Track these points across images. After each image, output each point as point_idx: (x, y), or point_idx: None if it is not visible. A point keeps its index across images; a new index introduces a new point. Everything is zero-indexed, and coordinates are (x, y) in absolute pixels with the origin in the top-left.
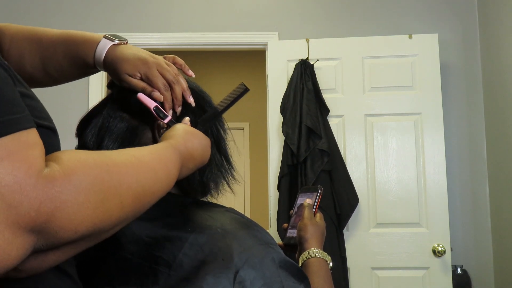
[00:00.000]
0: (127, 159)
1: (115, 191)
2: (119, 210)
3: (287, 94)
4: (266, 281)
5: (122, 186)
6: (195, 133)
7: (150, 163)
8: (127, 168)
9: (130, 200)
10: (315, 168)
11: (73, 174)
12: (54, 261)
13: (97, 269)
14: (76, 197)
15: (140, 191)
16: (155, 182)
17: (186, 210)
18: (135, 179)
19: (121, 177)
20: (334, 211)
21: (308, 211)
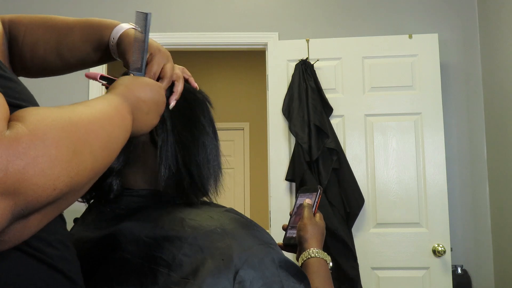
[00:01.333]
0: (86, 111)
1: (85, 142)
2: (91, 160)
3: (290, 94)
4: (266, 281)
5: (90, 135)
6: (139, 78)
7: (105, 111)
8: (89, 118)
9: (99, 149)
10: (327, 166)
11: (39, 129)
12: (36, 226)
13: (96, 269)
14: (47, 151)
15: (105, 139)
16: (115, 128)
17: (186, 210)
18: (99, 127)
19: (87, 127)
20: (343, 210)
21: (308, 211)
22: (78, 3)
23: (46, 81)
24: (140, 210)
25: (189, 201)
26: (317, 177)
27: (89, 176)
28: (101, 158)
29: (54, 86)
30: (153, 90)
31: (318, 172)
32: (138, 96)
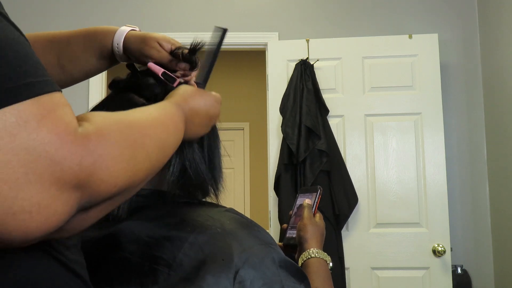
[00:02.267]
0: (143, 116)
1: (141, 145)
2: (147, 162)
3: (286, 94)
4: (266, 281)
5: (145, 140)
6: (198, 90)
7: (160, 118)
8: (146, 124)
9: (154, 152)
10: (314, 168)
11: (104, 130)
12: (94, 218)
13: (96, 269)
14: (111, 151)
15: (160, 144)
16: (169, 135)
17: (186, 210)
18: (154, 132)
19: (143, 132)
20: (332, 212)
21: (308, 211)
22: (78, 3)
23: None
24: (140, 210)
25: (190, 201)
26: (302, 178)
27: (143, 176)
28: (155, 161)
29: None
30: (208, 104)
31: (304, 174)
32: (192, 108)
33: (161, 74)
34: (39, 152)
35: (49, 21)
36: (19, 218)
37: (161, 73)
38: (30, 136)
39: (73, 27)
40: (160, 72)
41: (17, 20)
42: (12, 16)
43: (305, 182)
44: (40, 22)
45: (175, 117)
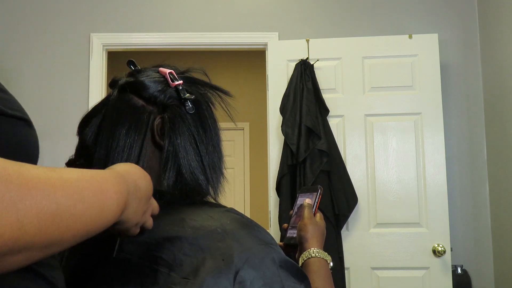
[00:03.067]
0: (44, 173)
1: (11, 204)
2: (15, 228)
3: (286, 94)
4: (266, 281)
5: (24, 201)
6: (137, 168)
7: (76, 182)
8: (38, 183)
9: (33, 218)
10: (314, 168)
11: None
12: None
13: (96, 270)
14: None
15: (50, 209)
16: (77, 202)
17: (186, 210)
18: (45, 194)
19: (24, 190)
20: (332, 212)
21: (308, 211)
22: (78, 3)
23: (46, 81)
24: None
25: (189, 201)
26: (302, 178)
27: (7, 245)
28: (35, 231)
29: (55, 89)
30: (147, 181)
31: (304, 174)
32: (135, 180)
33: (168, 74)
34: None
35: (49, 21)
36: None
37: (168, 72)
38: None
39: (73, 27)
40: (167, 72)
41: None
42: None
43: (305, 182)
44: (40, 22)
45: (106, 183)
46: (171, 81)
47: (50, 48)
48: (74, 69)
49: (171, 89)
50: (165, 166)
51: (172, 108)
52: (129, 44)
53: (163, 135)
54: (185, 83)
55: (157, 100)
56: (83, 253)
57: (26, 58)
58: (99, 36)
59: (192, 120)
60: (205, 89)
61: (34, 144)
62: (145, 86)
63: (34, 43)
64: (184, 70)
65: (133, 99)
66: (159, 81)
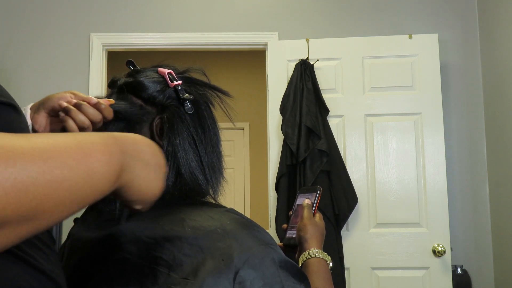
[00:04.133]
0: (12, 141)
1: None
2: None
3: (286, 94)
4: (266, 281)
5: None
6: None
7: (51, 146)
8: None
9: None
10: (314, 168)
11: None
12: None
13: (96, 269)
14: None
15: (20, 179)
16: (53, 168)
17: (186, 210)
18: (10, 163)
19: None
20: (332, 212)
21: (308, 211)
22: (78, 3)
23: (46, 81)
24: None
25: (189, 201)
26: (302, 178)
27: (8, 210)
28: (14, 196)
29: (55, 89)
30: (153, 146)
31: (304, 174)
32: (135, 142)
33: (167, 74)
34: None
35: (49, 21)
36: None
37: (167, 72)
38: None
39: (73, 27)
40: (166, 72)
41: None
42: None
43: (305, 182)
44: (40, 22)
45: (97, 141)
46: (170, 81)
47: (50, 48)
48: (74, 69)
49: (170, 89)
50: None
51: (171, 108)
52: (129, 44)
53: (162, 135)
54: (184, 83)
55: (156, 100)
56: (82, 253)
57: (26, 58)
58: (99, 36)
59: (191, 120)
60: (204, 89)
61: (22, 129)
62: (144, 86)
63: (34, 43)
64: (183, 70)
65: (132, 99)
66: (158, 81)
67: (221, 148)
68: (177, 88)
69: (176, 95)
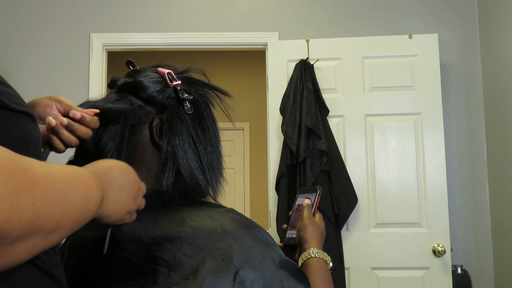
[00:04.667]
0: (39, 164)
1: (27, 187)
2: (31, 212)
3: (286, 94)
4: (266, 281)
5: (36, 186)
6: (109, 161)
7: (64, 172)
8: (40, 170)
9: (45, 204)
10: (314, 168)
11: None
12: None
13: (96, 270)
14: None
15: (56, 197)
16: (71, 190)
17: (186, 210)
18: (49, 181)
19: (34, 176)
20: (332, 212)
21: (307, 211)
22: (78, 3)
23: (46, 81)
24: (140, 210)
25: (189, 201)
26: (302, 178)
27: (23, 228)
28: (45, 215)
29: (55, 89)
30: (123, 169)
31: (304, 174)
32: (106, 172)
33: (166, 74)
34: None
35: (49, 21)
36: None
37: (166, 72)
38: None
39: (73, 27)
40: (165, 72)
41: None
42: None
43: (305, 182)
44: (40, 22)
45: (83, 174)
46: (170, 82)
47: (50, 48)
48: (74, 69)
49: (169, 89)
50: (164, 166)
51: (170, 108)
52: (129, 44)
53: (162, 136)
54: (183, 83)
55: (155, 100)
56: (83, 252)
57: (26, 58)
58: (99, 36)
59: (190, 120)
60: (204, 89)
61: (38, 139)
62: (144, 86)
63: (34, 43)
64: (183, 70)
65: (131, 99)
66: (158, 82)
67: (221, 148)
68: (176, 88)
69: (175, 95)
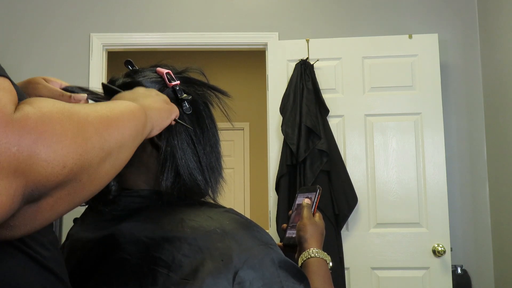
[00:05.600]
0: (88, 106)
1: (86, 121)
2: (98, 138)
3: (287, 94)
4: (265, 281)
5: (90, 116)
6: (147, 91)
7: (108, 105)
8: (91, 107)
9: (104, 129)
10: (314, 168)
11: (45, 107)
12: (49, 212)
13: (95, 270)
14: (52, 126)
15: (110, 120)
16: (121, 112)
17: (185, 210)
18: (99, 110)
19: (87, 112)
20: (332, 212)
21: (307, 211)
22: (77, 3)
23: None
24: (139, 211)
25: (188, 202)
26: (302, 178)
27: (99, 155)
28: (109, 137)
29: None
30: (158, 100)
31: (304, 174)
32: (144, 102)
33: (165, 74)
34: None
35: (49, 21)
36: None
37: (165, 72)
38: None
39: (73, 27)
40: (164, 72)
41: (17, 20)
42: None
43: (305, 182)
44: (40, 22)
45: (130, 105)
46: (168, 82)
47: (50, 48)
48: (74, 69)
49: (168, 89)
50: (163, 166)
51: None
52: (129, 44)
53: (161, 136)
54: (182, 83)
55: None
56: (82, 253)
57: (26, 58)
58: (99, 36)
59: (189, 120)
60: (203, 89)
61: None
62: (142, 86)
63: (34, 43)
64: (182, 70)
65: None
66: (156, 81)
67: (220, 148)
68: (175, 88)
69: (174, 95)
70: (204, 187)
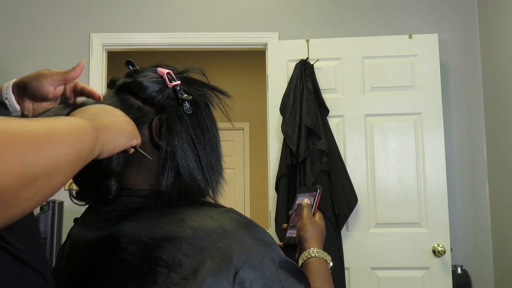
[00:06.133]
0: (23, 121)
1: (10, 141)
2: (19, 161)
3: (286, 94)
4: (266, 281)
5: (19, 135)
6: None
7: (47, 123)
8: (18, 124)
9: (29, 150)
10: (314, 168)
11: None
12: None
13: (95, 269)
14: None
15: (39, 142)
16: (61, 135)
17: (186, 210)
18: (25, 130)
19: (13, 131)
20: (332, 212)
21: (307, 211)
22: (77, 3)
23: None
24: (140, 211)
25: (188, 201)
26: (302, 178)
27: (17, 181)
28: (34, 161)
29: None
30: (120, 121)
31: (304, 174)
32: (103, 121)
33: (165, 74)
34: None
35: (49, 21)
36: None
37: (166, 73)
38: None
39: (73, 27)
40: (165, 72)
41: (17, 20)
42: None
43: (305, 182)
44: (40, 22)
45: (76, 125)
46: (169, 82)
47: (50, 48)
48: None
49: (169, 89)
50: (163, 166)
51: (169, 108)
52: (129, 44)
53: (161, 136)
54: (183, 84)
55: (154, 100)
56: (82, 253)
57: (26, 58)
58: (99, 36)
59: (189, 120)
60: (203, 89)
61: None
62: (143, 86)
63: (34, 43)
64: (182, 70)
65: (130, 99)
66: (157, 82)
67: (220, 149)
68: (175, 88)
69: (175, 95)
70: (205, 187)
